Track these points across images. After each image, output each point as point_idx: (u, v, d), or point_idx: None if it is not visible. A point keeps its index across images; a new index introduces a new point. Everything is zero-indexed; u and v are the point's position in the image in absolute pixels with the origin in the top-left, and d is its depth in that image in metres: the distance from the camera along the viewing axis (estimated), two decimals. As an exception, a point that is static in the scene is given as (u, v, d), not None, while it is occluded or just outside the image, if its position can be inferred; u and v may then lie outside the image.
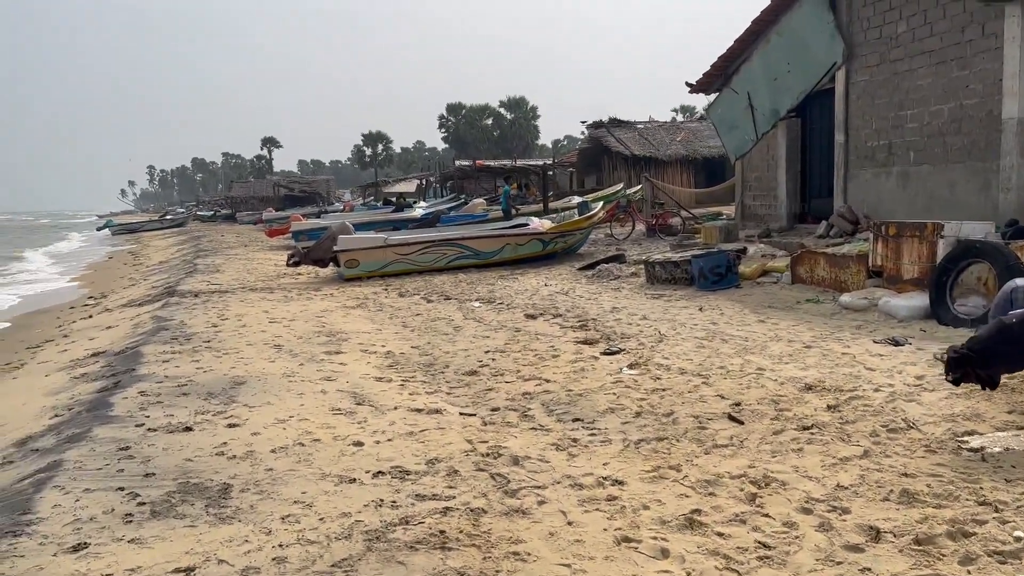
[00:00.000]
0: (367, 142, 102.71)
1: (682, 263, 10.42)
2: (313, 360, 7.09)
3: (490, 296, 10.96)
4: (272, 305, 11.07)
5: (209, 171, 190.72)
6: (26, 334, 11.52)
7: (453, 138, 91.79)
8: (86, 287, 19.01)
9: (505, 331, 8.27)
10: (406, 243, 14.26)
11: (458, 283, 12.78)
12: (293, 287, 13.42)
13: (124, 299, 14.30)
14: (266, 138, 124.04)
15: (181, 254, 25.96)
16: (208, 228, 49.15)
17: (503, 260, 14.66)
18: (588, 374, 6.07)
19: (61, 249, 39.66)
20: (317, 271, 15.32)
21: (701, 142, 27.91)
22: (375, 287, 12.97)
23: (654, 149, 27.33)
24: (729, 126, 12.84)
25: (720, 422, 4.67)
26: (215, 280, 14.96)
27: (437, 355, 7.26)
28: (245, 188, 68.97)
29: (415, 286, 12.66)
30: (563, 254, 15.35)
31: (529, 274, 13.44)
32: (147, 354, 7.47)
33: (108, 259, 30.81)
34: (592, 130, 29.38)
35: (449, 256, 14.39)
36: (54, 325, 12.06)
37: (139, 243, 41.07)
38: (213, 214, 65.06)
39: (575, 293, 10.73)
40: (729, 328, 7.58)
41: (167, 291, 13.32)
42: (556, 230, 14.86)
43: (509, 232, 14.83)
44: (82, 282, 21.40)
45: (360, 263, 14.03)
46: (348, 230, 14.52)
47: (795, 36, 11.30)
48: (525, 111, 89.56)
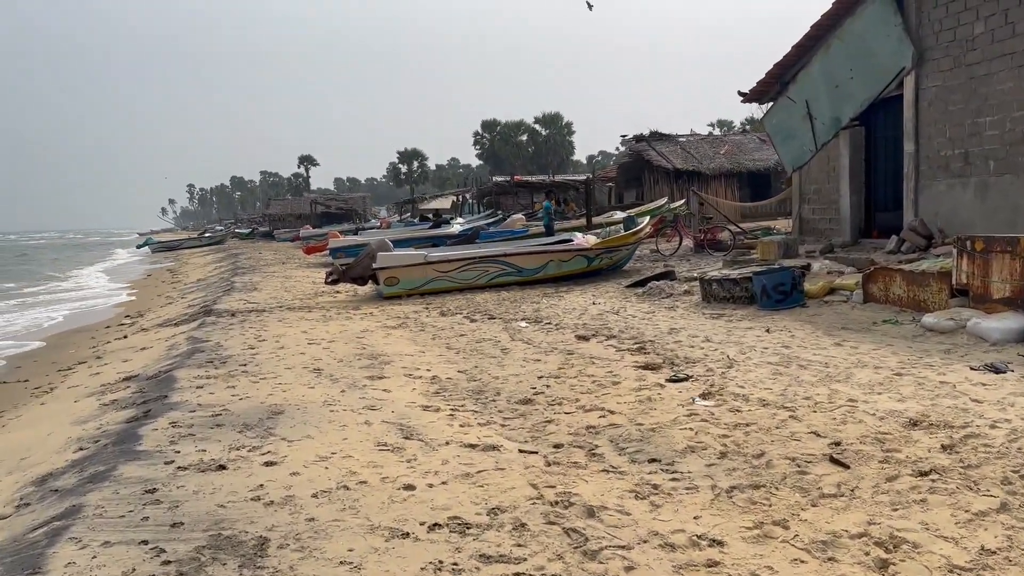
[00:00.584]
0: (402, 159, 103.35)
1: (742, 280, 9.80)
2: (355, 386, 6.62)
3: (536, 315, 10.44)
4: (311, 325, 10.67)
5: (247, 189, 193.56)
6: (60, 355, 11.27)
7: (488, 154, 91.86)
8: (122, 307, 18.86)
9: (557, 354, 7.74)
10: (447, 260, 13.81)
11: (501, 301, 12.28)
12: (332, 306, 13.04)
13: (160, 318, 14.05)
14: (303, 156, 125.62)
15: (219, 272, 25.88)
16: (246, 245, 49.48)
17: (546, 277, 14.14)
18: (656, 405, 5.50)
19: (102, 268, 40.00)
20: (356, 289, 14.96)
21: (746, 155, 27.21)
22: (415, 305, 12.54)
23: (697, 163, 26.68)
24: (786, 136, 12.21)
25: (821, 465, 4.08)
26: (252, 299, 14.65)
27: (486, 380, 6.75)
28: (282, 206, 69.53)
29: (457, 305, 12.20)
30: (608, 271, 14.79)
31: (575, 292, 12.90)
32: (180, 379, 7.07)
33: (147, 277, 30.92)
34: (633, 144, 28.82)
35: (491, 273, 13.92)
36: (88, 346, 11.80)
37: (178, 261, 41.36)
38: (251, 231, 65.65)
39: (627, 312, 10.16)
40: (804, 352, 6.96)
41: (204, 310, 13.02)
42: (602, 246, 14.32)
43: (552, 248, 14.31)
44: (120, 301, 21.32)
45: (400, 281, 13.62)
46: (387, 247, 14.13)
47: (859, 41, 10.66)
48: (560, 127, 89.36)
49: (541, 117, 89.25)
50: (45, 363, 10.60)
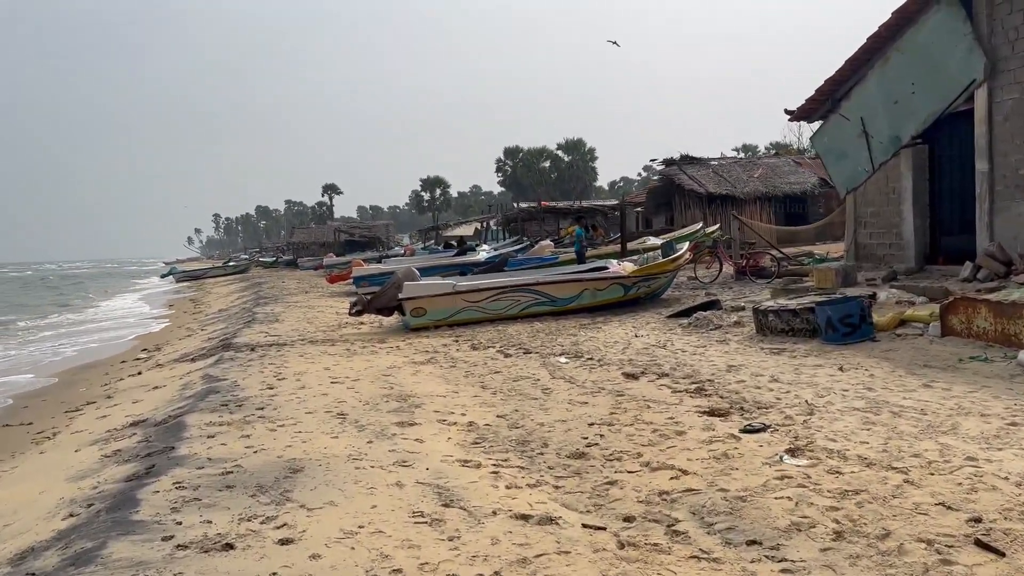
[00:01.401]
0: (425, 187, 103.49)
1: (802, 311, 8.99)
2: (383, 435, 5.89)
3: (576, 350, 9.68)
4: (334, 361, 9.98)
5: (272, 218, 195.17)
6: (70, 393, 10.67)
7: (510, 181, 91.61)
8: (140, 339, 18.33)
9: (605, 395, 6.97)
10: (476, 289, 13.12)
11: (535, 333, 11.54)
12: (356, 339, 12.36)
13: (177, 352, 13.45)
14: (327, 185, 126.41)
15: (241, 302, 25.41)
16: (269, 274, 49.22)
17: (581, 307, 13.40)
18: (736, 463, 4.71)
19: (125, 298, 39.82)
20: (381, 320, 14.29)
21: (780, 178, 26.40)
22: (444, 338, 11.83)
23: (731, 187, 25.89)
24: (838, 156, 11.43)
25: (967, 551, 3.27)
26: (274, 331, 14.03)
27: (529, 427, 5.99)
28: (306, 234, 69.54)
29: (488, 337, 11.47)
30: (646, 300, 14.02)
31: (613, 322, 12.13)
32: (191, 426, 6.38)
33: (168, 307, 30.56)
34: (663, 167, 28.10)
35: (522, 303, 13.20)
36: (100, 383, 11.19)
37: (201, 290, 41.11)
38: (275, 260, 65.63)
39: (674, 346, 9.37)
40: (892, 396, 6.13)
41: (223, 344, 12.40)
42: (639, 273, 13.55)
43: (587, 276, 13.57)
44: (139, 333, 20.84)
45: (427, 311, 12.94)
46: (414, 276, 13.47)
47: (922, 52, 9.90)
48: (583, 153, 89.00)
49: (564, 143, 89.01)
50: (54, 403, 9.99)
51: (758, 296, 13.31)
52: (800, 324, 8.99)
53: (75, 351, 17.13)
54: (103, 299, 39.21)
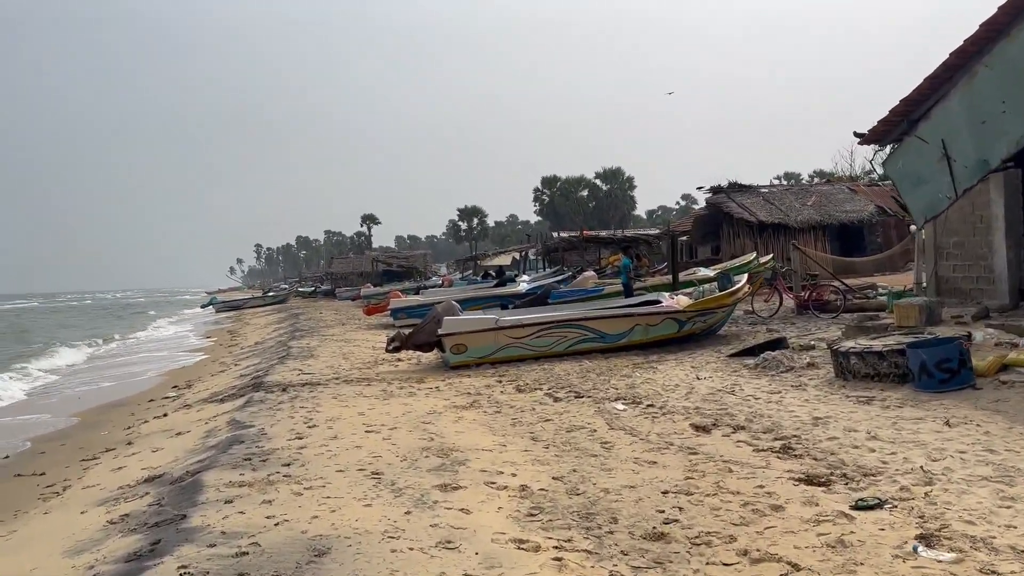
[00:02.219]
0: (462, 216, 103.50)
1: (889, 354, 8.03)
2: (423, 503, 5.10)
3: (632, 394, 8.82)
4: (369, 404, 9.25)
5: (312, 248, 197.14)
6: (89, 437, 10.07)
7: (548, 211, 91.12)
8: (172, 374, 17.82)
9: (675, 453, 6.12)
10: (520, 325, 12.33)
11: (585, 373, 10.71)
12: (393, 377, 11.63)
13: (207, 391, 12.86)
14: (366, 215, 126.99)
15: (277, 334, 24.94)
16: (307, 304, 49.10)
17: (632, 343, 12.53)
18: (858, 554, 3.83)
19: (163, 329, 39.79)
20: (419, 357, 13.58)
21: (835, 206, 25.28)
22: (487, 377, 11.06)
23: (783, 215, 24.84)
24: (915, 182, 10.48)
25: None
26: (308, 368, 13.38)
27: (592, 494, 5.16)
28: (345, 264, 69.59)
29: (534, 377, 10.66)
30: (702, 336, 13.10)
31: (668, 361, 11.24)
32: (208, 487, 5.65)
33: (205, 339, 30.28)
34: (710, 195, 27.16)
35: (569, 339, 12.37)
36: (123, 426, 10.59)
37: (239, 321, 40.97)
38: (313, 290, 65.72)
39: (744, 391, 8.46)
40: (1020, 459, 5.19)
41: (253, 383, 11.76)
42: (695, 308, 12.65)
43: (639, 310, 12.71)
44: (172, 368, 20.41)
45: (468, 348, 12.18)
46: (454, 310, 12.74)
47: (1015, 67, 8.97)
48: (621, 182, 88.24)
49: (602, 172, 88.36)
50: (72, 448, 9.38)
51: (825, 333, 12.34)
52: (887, 368, 8.03)
53: (108, 384, 16.69)
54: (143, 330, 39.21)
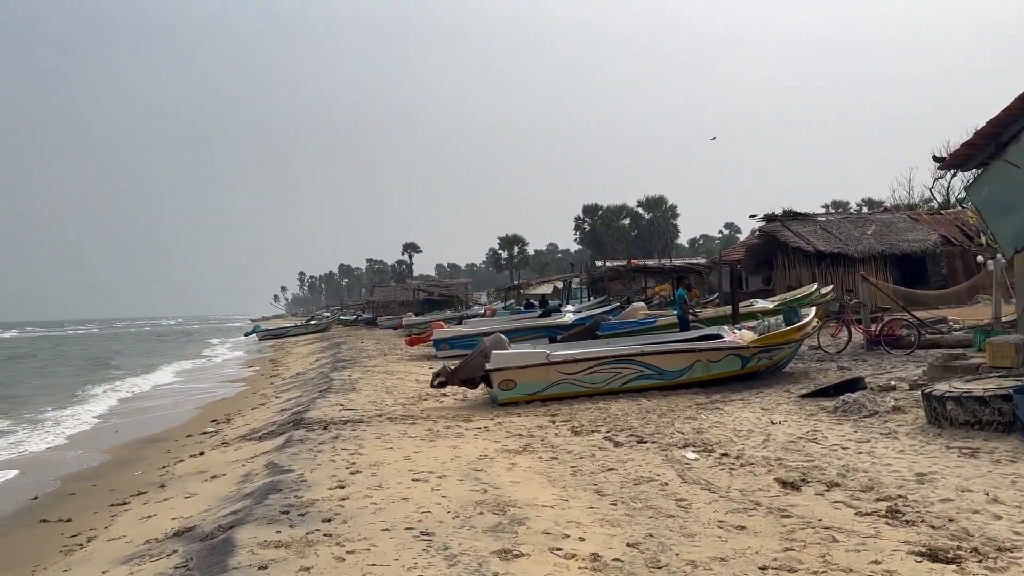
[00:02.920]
0: (503, 245, 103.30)
1: (992, 399, 7.18)
2: (480, 574, 4.43)
3: (701, 440, 8.06)
4: (415, 446, 8.63)
5: (354, 276, 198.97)
6: (122, 477, 9.61)
7: (589, 239, 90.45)
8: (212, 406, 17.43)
9: (764, 515, 5.36)
10: (572, 360, 11.65)
11: (644, 414, 9.98)
12: (439, 415, 11.02)
13: (247, 427, 12.38)
14: (407, 244, 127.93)
15: (319, 364, 24.57)
16: (349, 333, 48.97)
17: (692, 381, 11.78)
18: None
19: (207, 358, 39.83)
20: (465, 393, 12.96)
21: (897, 235, 24.18)
22: (538, 416, 10.39)
23: (842, 244, 23.80)
24: (1003, 209, 9.63)
25: None
26: (350, 402, 12.84)
27: (677, 568, 4.45)
28: (386, 292, 69.60)
29: (590, 417, 9.96)
30: (766, 373, 12.28)
31: (734, 402, 10.45)
32: (240, 547, 5.06)
33: (248, 368, 30.08)
34: (763, 223, 26.25)
35: (625, 376, 11.66)
36: (158, 465, 10.12)
37: (282, 350, 40.88)
38: (355, 318, 65.79)
39: (827, 439, 7.65)
40: None
41: (293, 419, 11.24)
42: (761, 343, 11.84)
43: (700, 345, 11.94)
44: (212, 399, 20.09)
45: (517, 384, 11.54)
46: (502, 344, 12.12)
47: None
48: (664, 210, 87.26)
49: (644, 200, 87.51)
50: (103, 489, 8.91)
51: (903, 372, 11.45)
52: (990, 415, 7.18)
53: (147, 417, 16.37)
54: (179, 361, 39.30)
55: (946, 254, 23.74)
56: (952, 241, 24.16)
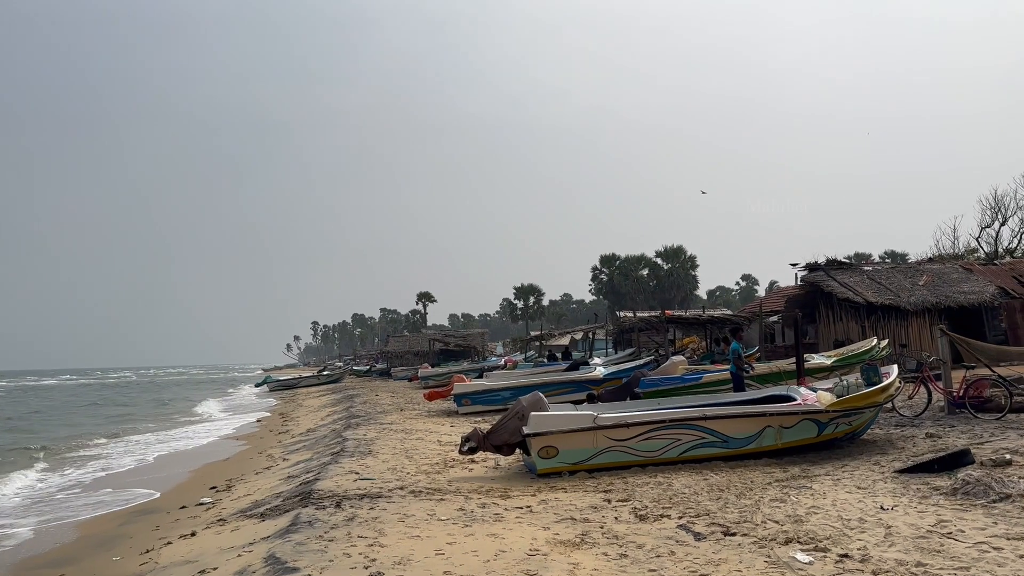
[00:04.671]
0: (519, 295, 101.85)
1: None
2: None
3: (804, 533, 6.50)
4: (447, 533, 7.11)
5: (367, 325, 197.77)
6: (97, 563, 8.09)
7: (607, 289, 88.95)
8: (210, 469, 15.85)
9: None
10: (624, 424, 10.13)
11: (716, 492, 8.43)
12: (470, 489, 9.48)
13: (248, 497, 10.87)
14: (422, 293, 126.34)
15: (332, 420, 23.03)
16: (363, 384, 47.41)
17: (761, 450, 10.23)
18: None
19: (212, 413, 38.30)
20: (497, 459, 11.44)
21: (950, 287, 22.62)
22: (588, 491, 8.87)
23: (893, 296, 22.24)
24: None
25: None
26: (366, 470, 11.32)
27: None
28: (400, 342, 68.15)
29: (652, 496, 8.41)
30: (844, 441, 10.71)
31: (819, 477, 8.89)
32: None
33: (257, 422, 28.54)
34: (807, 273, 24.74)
35: (685, 443, 10.12)
36: (141, 548, 8.59)
37: (292, 402, 39.36)
38: (368, 369, 64.24)
39: (965, 533, 6.08)
40: None
41: (301, 492, 9.72)
42: (841, 406, 10.28)
43: (772, 408, 10.39)
44: (213, 460, 18.57)
45: (559, 452, 10.03)
46: (542, 405, 10.62)
47: None
48: (683, 260, 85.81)
49: (663, 250, 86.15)
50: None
51: (1006, 441, 9.86)
52: None
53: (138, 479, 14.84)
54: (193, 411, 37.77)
55: (1005, 307, 22.14)
56: (1011, 293, 22.58)
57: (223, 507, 10.50)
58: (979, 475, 7.54)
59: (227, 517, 9.44)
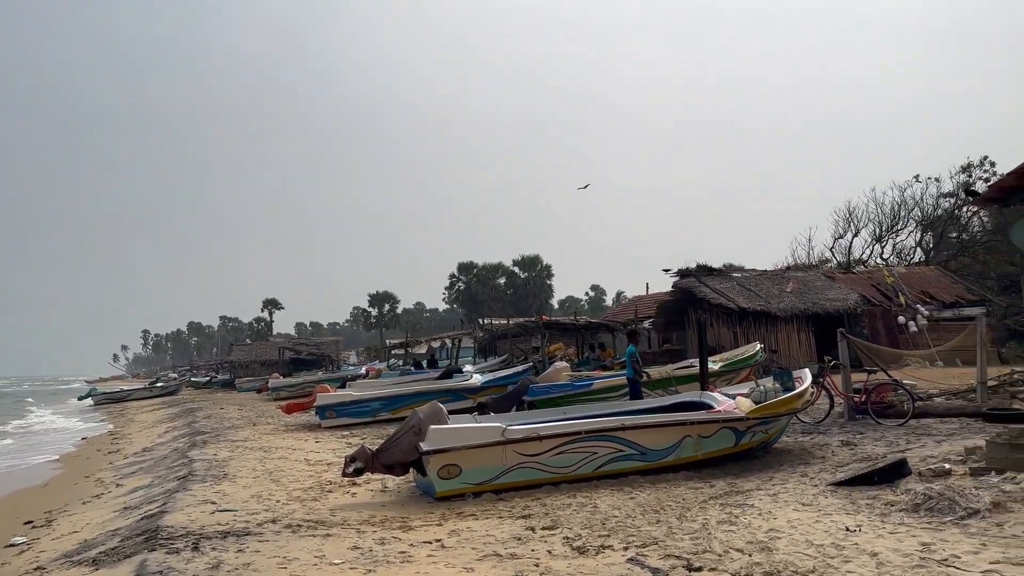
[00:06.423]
0: (373, 302, 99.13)
1: None
2: None
3: (781, 565, 5.57)
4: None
5: (205, 334, 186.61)
6: None
7: (464, 297, 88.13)
8: (27, 496, 13.11)
9: None
10: (536, 437, 8.95)
11: (651, 513, 7.44)
12: (358, 519, 7.96)
13: (75, 536, 8.74)
14: (268, 300, 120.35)
15: (172, 436, 20.41)
16: (203, 397, 43.67)
17: (679, 462, 9.37)
18: None
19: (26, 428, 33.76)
20: (384, 480, 9.93)
21: (816, 294, 23.21)
22: (502, 517, 7.65)
23: (764, 302, 22.51)
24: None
25: None
26: (224, 498, 9.48)
27: None
28: (246, 351, 63.77)
29: (581, 521, 7.27)
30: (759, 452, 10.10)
31: (755, 493, 8.11)
32: None
33: (82, 440, 25.10)
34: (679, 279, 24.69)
35: (601, 457, 9.11)
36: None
37: (123, 416, 35.39)
38: (208, 380, 59.78)
39: (964, 563, 5.33)
40: None
41: (146, 530, 7.79)
42: (759, 414, 9.62)
43: (691, 417, 9.56)
44: (28, 486, 15.75)
45: (463, 470, 8.71)
46: (441, 417, 9.25)
47: None
48: (539, 270, 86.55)
49: (520, 259, 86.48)
50: None
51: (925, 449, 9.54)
52: None
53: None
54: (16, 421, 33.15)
55: (867, 313, 23.01)
56: (871, 301, 23.53)
57: (42, 549, 8.33)
58: (940, 489, 6.94)
59: (47, 564, 7.37)
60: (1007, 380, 12.81)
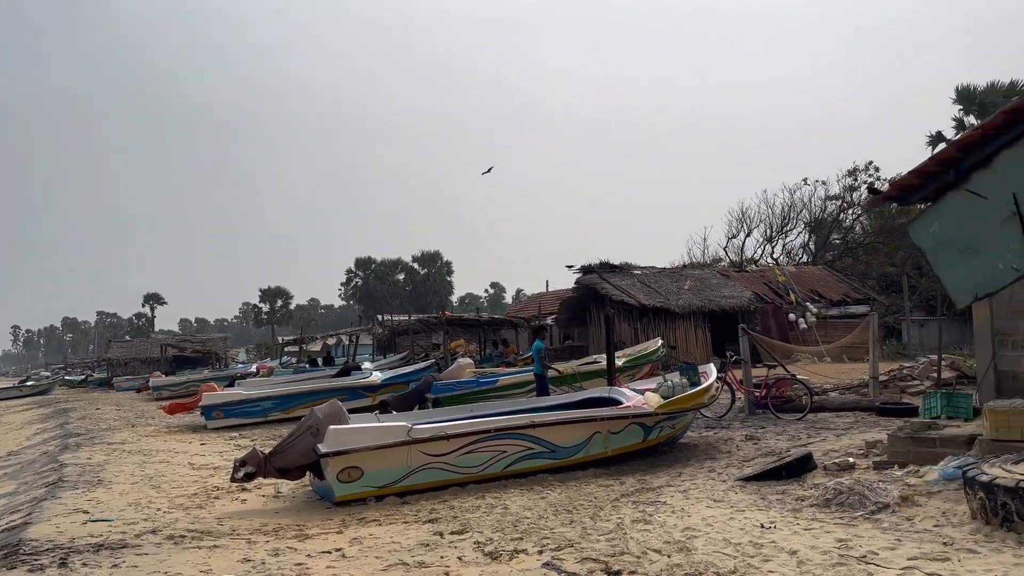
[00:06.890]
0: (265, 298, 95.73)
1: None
2: None
3: (701, 566, 5.40)
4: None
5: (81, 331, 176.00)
6: None
7: (361, 294, 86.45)
8: None
9: None
10: (442, 436, 8.55)
11: (564, 514, 7.18)
12: (248, 527, 7.36)
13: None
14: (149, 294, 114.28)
15: (41, 439, 18.83)
16: (78, 396, 40.80)
17: (588, 459, 9.19)
18: None
19: None
20: (277, 484, 9.28)
21: (712, 291, 23.75)
22: (408, 522, 7.22)
23: (663, 299, 22.83)
24: (960, 249, 8.14)
25: None
26: (99, 507, 8.63)
27: None
28: (125, 349, 60.22)
29: (491, 524, 6.94)
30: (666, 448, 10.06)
31: (665, 490, 7.99)
32: None
33: (-66, 445, 22.81)
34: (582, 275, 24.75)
35: (510, 455, 8.81)
36: None
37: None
38: (84, 379, 56.05)
39: (883, 560, 5.30)
40: None
41: (6, 544, 6.93)
42: (667, 409, 9.55)
43: (600, 413, 9.38)
44: None
45: (364, 473, 8.22)
46: (341, 416, 8.72)
47: None
48: (439, 266, 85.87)
49: (419, 256, 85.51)
50: None
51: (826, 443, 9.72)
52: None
53: None
54: None
55: (760, 311, 23.75)
56: (764, 299, 24.31)
57: None
58: (849, 484, 6.97)
59: None
60: (897, 375, 13.36)
